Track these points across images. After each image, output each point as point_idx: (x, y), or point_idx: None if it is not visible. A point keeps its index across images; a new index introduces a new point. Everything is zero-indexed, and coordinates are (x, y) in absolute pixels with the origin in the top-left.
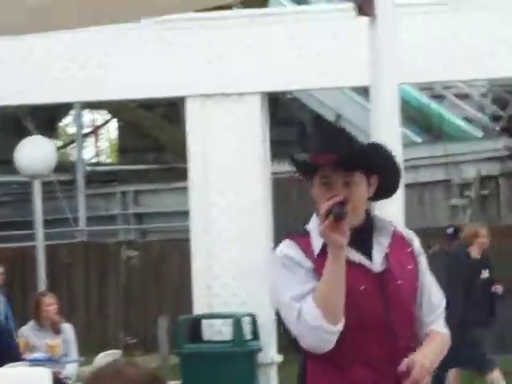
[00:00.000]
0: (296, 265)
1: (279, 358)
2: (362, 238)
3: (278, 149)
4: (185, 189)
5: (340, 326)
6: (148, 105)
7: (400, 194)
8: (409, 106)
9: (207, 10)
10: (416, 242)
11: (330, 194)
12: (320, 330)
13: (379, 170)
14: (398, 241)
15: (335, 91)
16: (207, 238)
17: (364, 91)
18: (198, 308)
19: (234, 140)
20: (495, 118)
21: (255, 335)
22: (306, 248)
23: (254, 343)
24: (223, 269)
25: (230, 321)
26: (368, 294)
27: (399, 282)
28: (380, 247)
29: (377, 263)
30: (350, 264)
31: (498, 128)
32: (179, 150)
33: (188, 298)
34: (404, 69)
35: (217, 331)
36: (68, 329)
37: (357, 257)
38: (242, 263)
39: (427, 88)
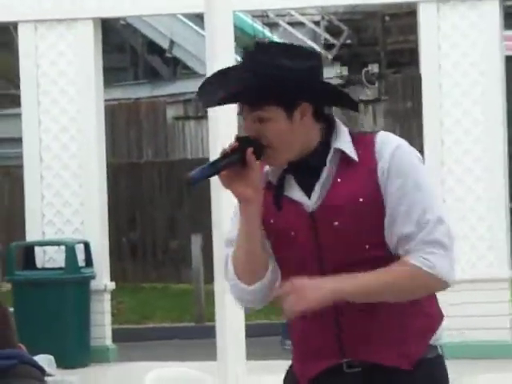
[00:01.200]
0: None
1: (112, 286)
2: (310, 171)
3: (110, 76)
4: (17, 115)
5: (258, 286)
6: None
7: (233, 122)
8: (243, 33)
9: None
10: (385, 161)
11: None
12: (236, 287)
13: (301, 98)
14: (355, 165)
15: (169, 17)
16: (40, 166)
17: (198, 18)
18: (31, 236)
19: (66, 66)
20: (328, 47)
21: (88, 262)
22: None
23: (87, 270)
24: (56, 196)
25: (62, 248)
26: (299, 240)
27: (336, 222)
28: (326, 179)
29: (313, 201)
30: (289, 204)
31: (330, 56)
32: (11, 77)
33: (20, 226)
34: None
35: (50, 258)
36: None
37: (297, 195)
38: (75, 190)
39: (261, 16)
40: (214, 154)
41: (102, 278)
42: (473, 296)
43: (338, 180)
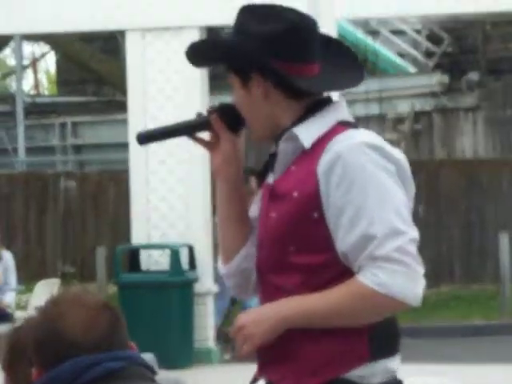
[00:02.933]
0: None
1: (215, 288)
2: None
3: (216, 83)
4: (124, 121)
5: (228, 269)
6: (87, 37)
7: None
8: (345, 41)
9: None
10: (327, 158)
11: None
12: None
13: (249, 69)
14: (304, 158)
15: None
16: (146, 170)
17: None
18: (137, 240)
19: (173, 74)
20: (429, 55)
21: (192, 265)
22: None
23: (190, 273)
24: (161, 200)
25: (167, 251)
26: (258, 226)
27: (273, 214)
28: (279, 165)
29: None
30: (266, 185)
31: (431, 64)
32: (118, 83)
33: (126, 229)
34: (341, 4)
35: (154, 261)
36: (7, 256)
37: (269, 179)
38: (180, 194)
39: (362, 24)
40: None
41: (206, 281)
42: None
43: (292, 168)
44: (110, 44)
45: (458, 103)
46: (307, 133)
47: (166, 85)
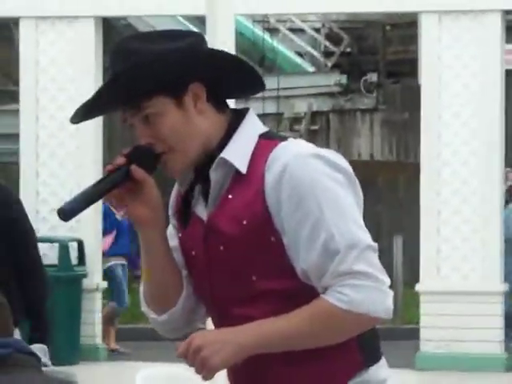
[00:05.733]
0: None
1: (104, 285)
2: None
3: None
4: (15, 112)
5: (167, 317)
6: None
7: None
8: (243, 38)
9: None
10: (272, 176)
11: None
12: (148, 317)
13: (187, 76)
14: (240, 183)
15: (169, 19)
16: (36, 163)
17: (197, 20)
18: None
19: (66, 64)
20: (328, 54)
21: (81, 261)
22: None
23: (79, 268)
24: (51, 194)
25: (56, 245)
26: (198, 264)
27: (221, 247)
28: (215, 194)
29: (206, 219)
30: (194, 219)
31: (329, 64)
32: (11, 72)
33: None
34: (240, 0)
35: (43, 255)
36: None
37: (199, 209)
38: (71, 189)
39: (261, 21)
40: None
41: (94, 277)
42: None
43: (229, 196)
44: (3, 32)
45: (356, 104)
46: (238, 156)
47: (58, 75)
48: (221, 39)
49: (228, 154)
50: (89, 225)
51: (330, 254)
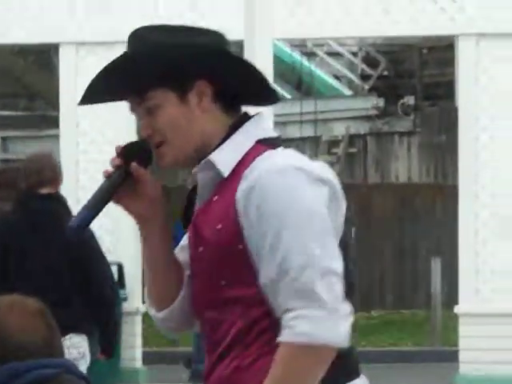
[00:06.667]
0: None
1: (144, 308)
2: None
3: None
4: (55, 136)
5: (163, 314)
6: (20, 50)
7: None
8: (280, 62)
9: None
10: (245, 185)
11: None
12: (149, 312)
13: (195, 72)
14: (224, 186)
15: None
16: (76, 187)
17: (236, 45)
18: None
19: None
20: (365, 77)
21: (121, 284)
22: None
23: (119, 292)
24: None
25: None
26: (191, 265)
27: (201, 248)
28: (202, 195)
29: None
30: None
31: (367, 87)
32: (51, 98)
33: None
34: (277, 25)
35: None
36: None
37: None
38: (108, 211)
39: (299, 45)
40: None
41: (134, 301)
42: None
43: (214, 199)
44: (44, 58)
45: (393, 127)
46: (225, 158)
47: None
48: (259, 63)
49: (216, 156)
50: (128, 248)
51: (283, 272)
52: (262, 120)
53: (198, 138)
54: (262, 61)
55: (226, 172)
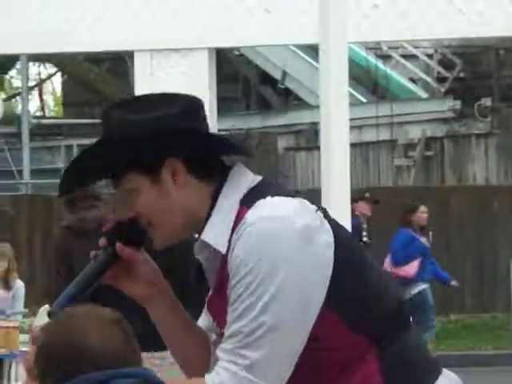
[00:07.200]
0: None
1: None
2: None
3: (222, 105)
4: None
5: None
6: (94, 58)
7: (345, 154)
8: (355, 65)
9: None
10: (233, 259)
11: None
12: None
13: (161, 152)
14: (225, 262)
15: (282, 48)
16: None
17: (310, 49)
18: None
19: None
20: (441, 80)
21: None
22: None
23: None
24: None
25: None
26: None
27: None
28: (211, 278)
29: None
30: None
31: (443, 89)
32: None
33: None
34: (352, 28)
35: None
36: (19, 285)
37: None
38: None
39: (374, 48)
40: (326, 185)
41: None
42: None
43: (220, 279)
44: (118, 65)
45: (470, 129)
46: (217, 234)
47: None
48: (334, 67)
49: (207, 234)
50: None
51: (229, 332)
52: (238, 174)
53: (182, 215)
54: (337, 64)
55: (223, 249)
